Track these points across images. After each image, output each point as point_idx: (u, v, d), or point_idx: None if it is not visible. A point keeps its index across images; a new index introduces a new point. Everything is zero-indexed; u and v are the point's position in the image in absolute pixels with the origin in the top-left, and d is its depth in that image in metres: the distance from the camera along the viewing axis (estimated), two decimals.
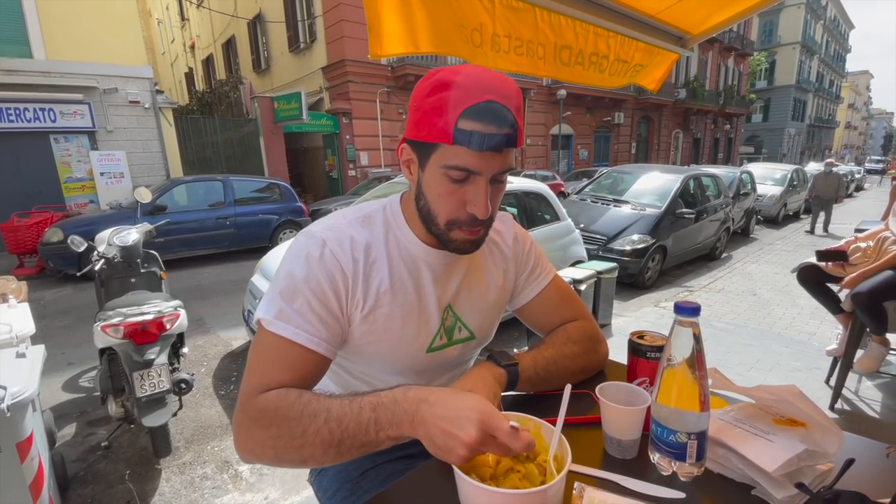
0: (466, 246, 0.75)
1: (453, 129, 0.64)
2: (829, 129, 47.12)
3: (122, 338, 2.08)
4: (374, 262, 0.77)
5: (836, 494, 0.54)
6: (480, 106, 0.64)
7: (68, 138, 8.21)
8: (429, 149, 0.69)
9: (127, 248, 2.62)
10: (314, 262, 0.72)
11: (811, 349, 3.46)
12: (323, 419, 0.62)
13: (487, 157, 0.66)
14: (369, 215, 0.81)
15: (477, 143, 0.64)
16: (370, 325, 0.77)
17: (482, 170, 0.67)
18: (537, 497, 0.53)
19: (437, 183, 0.70)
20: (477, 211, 0.69)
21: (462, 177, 0.67)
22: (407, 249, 0.80)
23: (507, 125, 0.65)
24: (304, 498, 1.98)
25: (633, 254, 5.18)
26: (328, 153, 12.23)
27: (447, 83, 0.66)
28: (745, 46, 26.10)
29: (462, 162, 0.66)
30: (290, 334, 0.69)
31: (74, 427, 2.64)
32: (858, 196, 19.79)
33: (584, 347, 0.90)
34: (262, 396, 0.66)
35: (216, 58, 17.54)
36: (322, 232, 0.75)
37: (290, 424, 0.63)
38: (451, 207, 0.70)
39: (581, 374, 0.90)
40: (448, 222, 0.72)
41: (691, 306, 0.59)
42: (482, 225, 0.73)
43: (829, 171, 9.07)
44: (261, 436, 0.64)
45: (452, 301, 0.84)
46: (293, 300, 0.70)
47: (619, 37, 1.80)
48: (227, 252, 7.31)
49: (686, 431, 0.59)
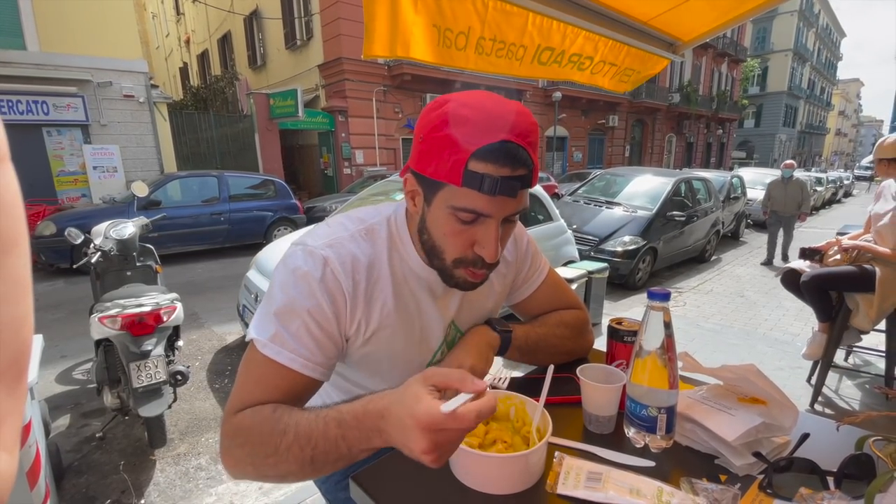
0: (468, 286, 0.72)
1: (463, 170, 0.59)
2: (820, 136, 47.75)
3: (120, 329, 2.11)
4: (376, 282, 0.73)
5: (790, 462, 0.60)
6: (494, 146, 0.59)
7: (61, 131, 8.16)
8: (435, 186, 0.64)
9: (123, 242, 2.65)
10: (314, 282, 0.68)
11: (795, 349, 3.54)
12: (293, 435, 0.59)
13: (500, 200, 0.61)
14: (372, 228, 0.76)
15: (489, 188, 0.59)
16: (372, 347, 0.75)
17: (493, 213, 0.63)
18: (520, 461, 0.59)
19: (444, 222, 0.65)
20: (486, 254, 0.65)
21: (471, 219, 0.63)
22: (410, 268, 0.76)
23: (521, 166, 0.60)
24: (298, 488, 2.02)
25: (624, 255, 5.26)
26: (323, 151, 12.24)
27: (457, 119, 0.60)
28: (738, 52, 26.42)
29: (472, 205, 0.62)
30: (286, 360, 0.66)
31: (68, 418, 2.66)
32: (847, 202, 20.10)
33: (574, 332, 0.95)
34: (239, 415, 0.65)
35: (211, 53, 17.46)
36: (323, 249, 0.70)
37: (263, 440, 0.61)
38: (459, 248, 0.67)
39: (566, 355, 0.95)
40: (455, 261, 0.68)
41: (662, 292, 0.65)
42: (488, 268, 0.69)
43: (787, 178, 6.44)
44: (239, 454, 0.63)
45: (455, 317, 0.84)
46: (290, 323, 0.66)
47: (610, 41, 1.85)
48: (222, 248, 7.30)
49: (657, 406, 0.65)
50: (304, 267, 0.68)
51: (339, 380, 0.87)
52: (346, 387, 0.87)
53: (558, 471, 0.63)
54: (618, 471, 0.62)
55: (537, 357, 0.89)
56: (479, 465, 0.59)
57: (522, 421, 0.69)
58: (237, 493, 2.05)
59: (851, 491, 0.55)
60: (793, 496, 0.55)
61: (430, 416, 0.49)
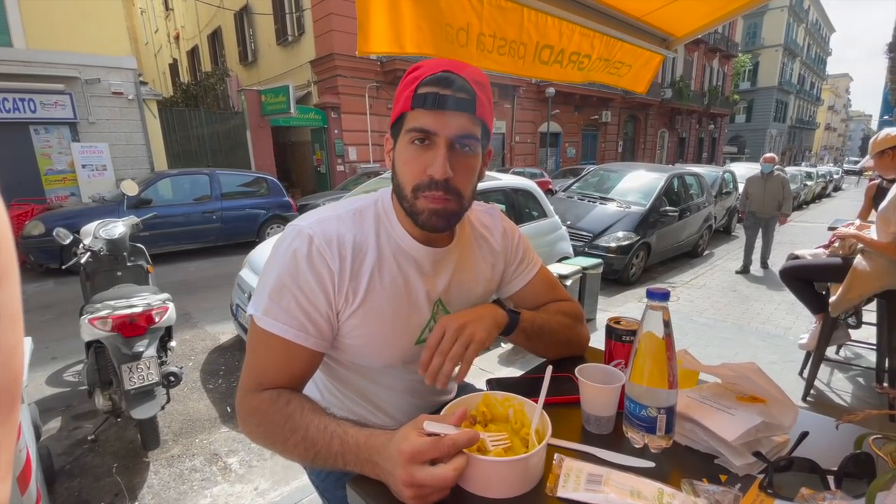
0: (433, 219, 0.74)
1: (413, 95, 0.70)
2: (810, 131, 48.18)
3: (111, 330, 2.08)
4: (363, 259, 0.77)
5: (790, 461, 0.60)
6: (438, 74, 0.70)
7: (49, 129, 8.02)
8: (398, 123, 0.74)
9: (113, 241, 2.61)
10: (302, 259, 0.73)
11: (787, 343, 3.58)
12: (301, 437, 0.67)
13: (442, 117, 0.69)
14: (361, 210, 0.81)
15: (431, 102, 0.69)
16: (360, 320, 0.78)
17: (438, 130, 0.70)
18: (520, 464, 0.58)
19: (403, 152, 0.74)
20: (434, 171, 0.70)
21: (422, 138, 0.71)
22: (397, 244, 0.80)
23: (461, 90, 0.69)
24: (294, 488, 2.01)
25: (617, 250, 5.28)
26: (316, 148, 12.15)
27: (416, 66, 0.73)
28: (729, 48, 26.56)
29: (419, 123, 0.70)
30: (279, 331, 0.72)
31: (60, 421, 2.62)
32: (836, 196, 20.32)
33: (572, 321, 0.98)
34: (255, 396, 0.73)
35: (201, 49, 17.25)
36: (309, 227, 0.75)
37: (274, 430, 0.70)
38: (414, 173, 0.73)
39: (566, 345, 0.97)
40: (413, 188, 0.73)
41: (662, 292, 0.64)
42: (444, 192, 0.72)
43: (767, 173, 5.64)
44: (253, 431, 0.73)
45: (442, 295, 0.86)
46: (281, 298, 0.72)
47: (605, 37, 1.85)
48: (214, 246, 7.24)
49: (656, 406, 0.64)
50: (292, 245, 0.74)
51: (331, 364, 0.88)
52: (336, 371, 0.88)
53: (558, 473, 0.62)
54: (618, 472, 0.61)
55: (541, 342, 0.92)
56: (479, 468, 0.58)
57: (521, 423, 0.68)
58: (232, 495, 2.04)
59: (852, 490, 0.55)
60: (794, 496, 0.55)
61: (412, 446, 0.56)
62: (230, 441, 2.44)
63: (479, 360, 3.27)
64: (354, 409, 0.92)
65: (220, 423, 2.61)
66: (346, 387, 0.90)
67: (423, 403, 0.97)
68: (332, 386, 0.92)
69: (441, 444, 0.55)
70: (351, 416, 0.92)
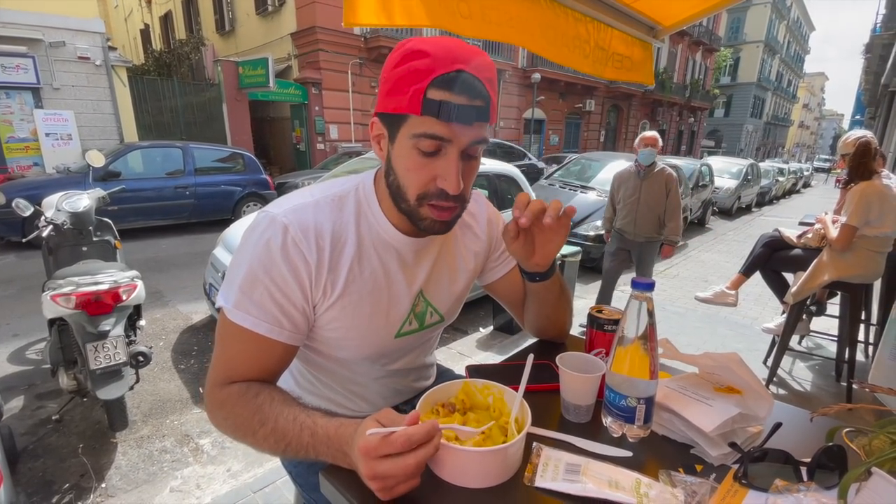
0: (437, 227, 0.71)
1: (422, 98, 0.61)
2: (784, 127, 49.41)
3: (75, 308, 1.99)
4: (342, 250, 0.73)
5: (764, 452, 0.61)
6: (450, 76, 0.61)
7: (10, 94, 7.56)
8: (398, 121, 0.65)
9: (77, 215, 2.48)
10: (275, 250, 0.68)
11: (752, 332, 3.71)
12: (270, 428, 0.64)
13: (457, 128, 0.63)
14: (340, 196, 0.76)
15: (445, 114, 0.61)
16: (338, 313, 0.74)
17: (451, 138, 0.63)
18: (499, 454, 0.57)
19: (406, 156, 0.66)
20: (447, 186, 0.65)
21: (432, 148, 0.64)
22: (378, 234, 0.76)
23: (478, 97, 0.62)
24: (268, 470, 1.99)
25: (595, 239, 5.34)
26: (296, 125, 11.82)
27: (416, 52, 0.62)
28: (712, 42, 26.80)
29: (430, 130, 0.63)
30: (251, 325, 0.68)
31: (22, 400, 2.53)
32: (805, 192, 21.00)
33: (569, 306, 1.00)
34: (224, 389, 0.69)
35: (175, 15, 16.43)
36: (284, 216, 0.69)
37: (243, 422, 0.67)
38: (421, 182, 0.67)
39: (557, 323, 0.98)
40: (418, 196, 0.68)
41: (647, 282, 0.64)
42: (453, 203, 0.68)
43: (647, 166, 3.17)
44: (222, 423, 0.70)
45: (423, 287, 0.83)
46: (253, 290, 0.68)
47: (597, 23, 1.82)
48: (187, 223, 7.02)
49: (636, 396, 0.64)
50: (265, 234, 0.69)
51: (309, 354, 0.85)
52: (315, 360, 0.86)
53: (536, 462, 0.62)
54: (596, 462, 0.61)
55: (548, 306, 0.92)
56: (456, 458, 0.57)
57: (500, 411, 0.67)
58: (204, 476, 2.01)
59: (824, 482, 0.56)
60: (768, 487, 0.56)
61: (366, 441, 0.54)
62: (202, 422, 2.39)
63: (458, 345, 3.28)
64: (330, 395, 0.90)
65: (192, 404, 2.55)
66: (322, 373, 0.88)
67: (403, 389, 0.96)
68: (307, 372, 0.89)
69: (394, 440, 0.53)
70: (326, 402, 0.89)
